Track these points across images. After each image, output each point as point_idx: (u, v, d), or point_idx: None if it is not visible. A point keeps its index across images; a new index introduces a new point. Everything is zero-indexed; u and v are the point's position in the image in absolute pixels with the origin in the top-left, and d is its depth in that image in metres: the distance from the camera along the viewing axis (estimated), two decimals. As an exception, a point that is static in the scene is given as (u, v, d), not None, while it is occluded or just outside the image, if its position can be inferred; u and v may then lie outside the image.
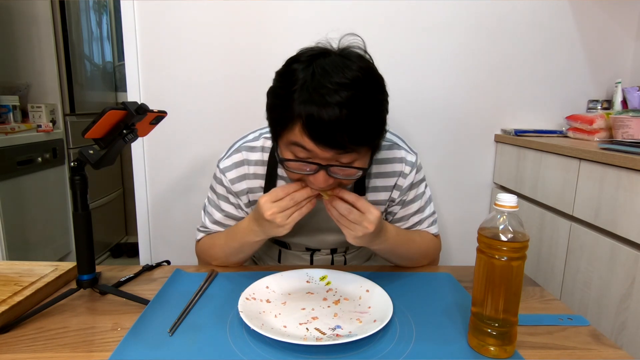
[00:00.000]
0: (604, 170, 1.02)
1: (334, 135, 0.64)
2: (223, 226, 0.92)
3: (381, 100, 0.70)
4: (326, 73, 0.65)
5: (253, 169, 0.88)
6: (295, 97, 0.66)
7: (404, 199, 0.91)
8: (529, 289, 0.78)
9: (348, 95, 0.64)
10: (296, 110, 0.65)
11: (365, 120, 0.66)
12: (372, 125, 0.68)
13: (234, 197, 0.89)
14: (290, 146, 0.70)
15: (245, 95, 1.39)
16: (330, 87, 0.64)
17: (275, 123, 0.72)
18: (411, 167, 0.89)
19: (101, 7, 2.70)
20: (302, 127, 0.65)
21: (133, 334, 0.61)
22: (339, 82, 0.64)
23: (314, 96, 0.64)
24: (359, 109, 0.65)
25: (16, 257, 1.87)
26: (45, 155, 2.10)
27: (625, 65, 1.47)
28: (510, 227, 0.54)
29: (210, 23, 1.35)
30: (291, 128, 0.68)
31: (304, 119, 0.65)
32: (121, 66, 2.86)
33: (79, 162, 0.68)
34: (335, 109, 0.63)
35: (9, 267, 0.81)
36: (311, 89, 0.65)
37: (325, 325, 0.63)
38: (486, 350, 0.57)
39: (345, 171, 0.70)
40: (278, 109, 0.70)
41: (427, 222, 0.94)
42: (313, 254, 0.99)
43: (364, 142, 0.69)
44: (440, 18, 1.39)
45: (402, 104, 1.43)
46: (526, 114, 1.48)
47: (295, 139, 0.67)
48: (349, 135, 0.65)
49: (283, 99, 0.68)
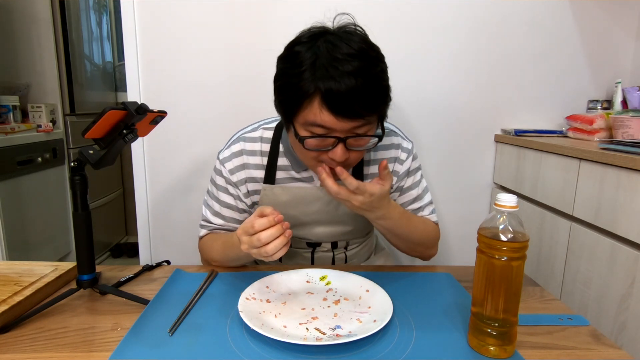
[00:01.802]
0: (604, 170, 1.02)
1: (353, 105, 0.68)
2: (223, 218, 0.93)
3: (384, 68, 0.74)
4: (334, 47, 0.68)
5: (252, 159, 0.89)
6: (307, 76, 0.68)
7: (402, 185, 0.93)
8: (529, 289, 0.78)
9: (359, 65, 0.67)
10: (312, 87, 0.68)
11: (376, 87, 0.70)
12: (382, 92, 0.72)
13: (233, 188, 0.90)
14: (307, 126, 0.72)
15: (246, 95, 1.39)
16: (341, 59, 0.67)
17: (288, 105, 0.73)
18: (407, 154, 0.92)
19: (101, 7, 2.70)
20: (321, 101, 0.68)
21: (133, 334, 0.61)
22: (348, 53, 0.68)
23: (329, 70, 0.67)
24: (370, 76, 0.69)
25: (16, 257, 1.87)
26: (45, 155, 2.11)
27: (625, 65, 1.47)
28: (510, 227, 0.54)
29: (210, 23, 1.35)
30: (308, 106, 0.70)
31: (323, 93, 0.67)
32: (121, 66, 2.86)
33: (79, 162, 0.68)
34: (351, 79, 0.66)
35: (9, 267, 0.81)
36: (325, 64, 0.67)
37: (325, 325, 0.63)
38: (486, 350, 0.57)
39: (360, 141, 0.74)
40: (290, 90, 0.71)
41: (427, 210, 0.95)
42: (314, 251, 0.99)
43: (377, 109, 0.72)
44: (440, 18, 1.39)
45: (402, 104, 1.43)
46: (526, 114, 1.48)
47: (314, 117, 0.70)
48: (364, 103, 0.68)
49: (294, 79, 0.70)
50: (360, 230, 0.98)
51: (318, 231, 0.94)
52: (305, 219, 0.91)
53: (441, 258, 1.57)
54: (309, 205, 0.89)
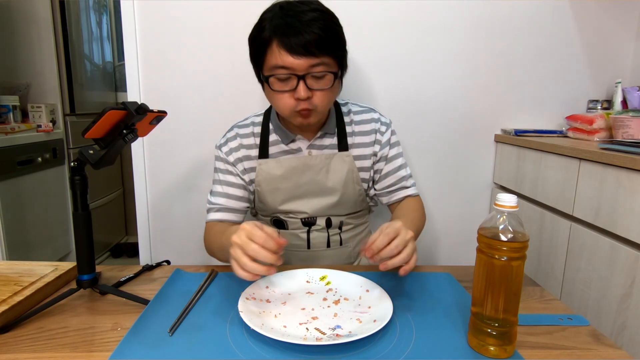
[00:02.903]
0: (604, 170, 1.02)
1: (304, 42, 0.80)
2: (227, 196, 1.00)
3: (336, 20, 0.87)
4: (292, 4, 0.83)
5: (246, 140, 1.00)
6: (266, 27, 0.83)
7: (386, 154, 1.03)
8: (529, 289, 0.78)
9: (314, 13, 0.81)
10: (270, 32, 0.82)
11: (330, 30, 0.83)
12: (333, 34, 0.84)
13: (232, 167, 1.00)
14: (272, 71, 0.84)
15: (245, 95, 1.39)
16: (297, 9, 0.82)
17: (256, 58, 0.88)
18: (386, 127, 1.04)
19: (101, 7, 2.70)
20: (278, 44, 0.81)
21: (133, 334, 0.61)
22: (304, 3, 0.83)
23: (284, 18, 0.81)
24: (324, 21, 0.82)
25: (16, 257, 1.87)
26: (45, 155, 2.11)
27: (625, 65, 1.47)
28: (510, 227, 0.54)
29: (210, 23, 1.35)
30: (269, 52, 0.83)
31: (278, 34, 0.81)
32: (121, 66, 2.86)
33: (79, 162, 0.68)
34: (302, 20, 0.80)
35: (9, 267, 0.81)
36: (280, 15, 0.82)
37: (325, 325, 0.63)
38: (486, 350, 0.57)
39: (320, 82, 0.85)
40: (254, 43, 0.87)
41: (410, 181, 1.05)
42: (310, 232, 1.03)
43: (329, 49, 0.83)
44: (440, 19, 1.39)
45: (402, 104, 1.43)
46: (526, 114, 1.48)
47: (274, 60, 0.83)
48: (316, 41, 0.80)
49: (258, 33, 0.86)
50: (349, 203, 1.03)
51: (312, 203, 1.01)
52: (298, 191, 1.00)
53: (441, 258, 1.57)
54: (301, 176, 0.98)
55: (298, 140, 0.99)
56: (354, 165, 1.01)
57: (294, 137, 0.99)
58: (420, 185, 1.47)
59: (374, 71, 1.41)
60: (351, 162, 1.00)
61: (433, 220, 1.53)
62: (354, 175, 1.01)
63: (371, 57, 1.39)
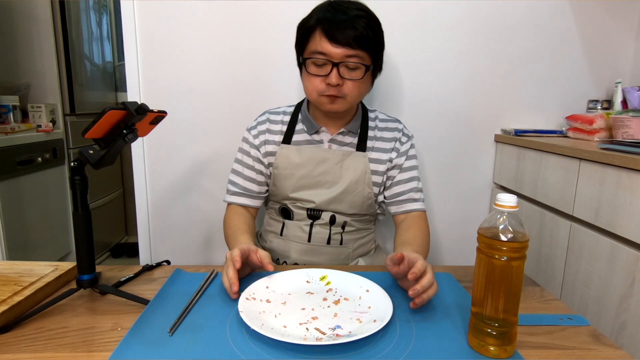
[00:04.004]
0: (604, 170, 1.02)
1: (344, 32, 0.88)
2: (244, 177, 1.08)
3: (378, 21, 0.95)
4: (341, 2, 0.93)
5: (274, 126, 1.08)
6: (312, 16, 0.93)
7: (401, 163, 1.07)
8: (529, 289, 0.79)
9: (358, 11, 0.90)
10: (314, 20, 0.92)
11: (370, 29, 0.90)
12: (374, 34, 0.92)
13: (255, 150, 1.07)
14: (310, 54, 0.93)
15: (246, 95, 1.39)
16: (344, 6, 0.91)
17: (300, 44, 0.97)
18: (407, 139, 1.09)
19: (101, 7, 2.70)
20: (321, 32, 0.90)
21: (133, 334, 0.61)
22: (352, 3, 0.93)
23: (331, 12, 0.91)
24: (366, 19, 0.90)
25: (16, 257, 1.87)
26: (45, 155, 2.10)
27: (625, 65, 1.47)
28: (510, 227, 0.54)
29: (210, 23, 1.35)
30: (312, 39, 0.92)
31: (323, 24, 0.90)
32: (121, 66, 2.86)
33: (79, 162, 0.68)
34: (346, 13, 0.89)
35: (9, 267, 0.81)
36: (329, 8, 0.92)
37: (325, 325, 0.63)
38: (486, 350, 0.57)
39: (352, 73, 0.92)
40: (302, 28, 0.96)
41: (419, 194, 1.08)
42: (312, 226, 1.05)
43: (366, 44, 0.90)
44: (440, 19, 1.38)
45: (402, 104, 1.43)
46: (526, 114, 1.48)
47: (315, 45, 0.91)
48: (355, 34, 0.88)
49: (305, 21, 0.95)
50: (356, 203, 1.04)
51: (321, 194, 1.04)
52: (311, 180, 1.04)
53: (441, 258, 1.57)
54: (316, 167, 1.04)
55: (322, 132, 1.05)
56: (368, 167, 1.03)
57: (318, 129, 1.05)
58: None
59: (374, 71, 1.41)
60: (366, 163, 1.03)
61: (433, 220, 1.53)
62: (366, 177, 1.03)
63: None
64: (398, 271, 0.73)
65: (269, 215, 1.15)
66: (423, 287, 0.65)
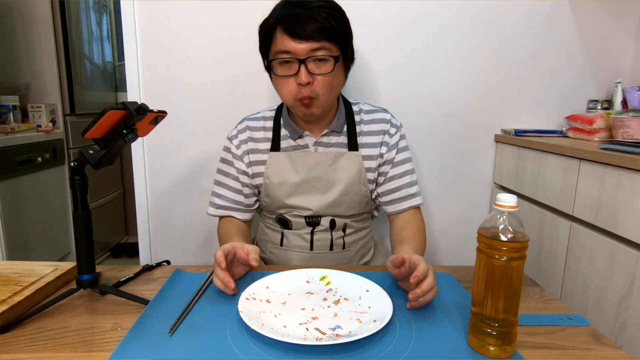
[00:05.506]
0: (604, 170, 1.02)
1: (305, 26, 0.83)
2: (226, 187, 1.04)
3: (343, 14, 0.90)
4: None
5: (256, 133, 1.03)
6: (271, 15, 0.89)
7: (392, 158, 1.02)
8: (529, 289, 0.78)
9: (318, 3, 0.85)
10: (275, 20, 0.87)
11: (332, 18, 0.85)
12: (338, 23, 0.87)
13: (238, 161, 1.03)
14: (274, 55, 0.89)
15: (245, 94, 1.39)
16: (303, 0, 0.86)
17: (263, 46, 0.93)
18: (396, 129, 1.03)
19: (101, 7, 2.70)
20: (281, 30, 0.86)
21: (133, 334, 0.61)
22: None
23: (289, 8, 0.86)
24: (327, 9, 0.85)
25: (16, 257, 1.87)
26: (45, 155, 2.11)
27: (625, 65, 1.47)
28: (510, 227, 0.54)
29: (210, 23, 1.35)
30: (273, 39, 0.88)
31: (282, 21, 0.85)
32: (121, 66, 2.86)
33: (79, 162, 0.68)
34: (304, 6, 0.84)
35: (9, 267, 0.81)
36: (287, 5, 0.87)
37: (325, 325, 0.63)
38: (486, 350, 0.57)
39: (321, 67, 0.87)
40: (262, 30, 0.92)
41: (415, 188, 1.04)
42: (313, 233, 1.03)
43: (331, 36, 0.86)
44: (440, 19, 1.38)
45: (402, 104, 1.43)
46: (526, 114, 1.48)
47: (277, 45, 0.87)
48: (318, 27, 0.84)
49: (266, 21, 0.91)
50: (354, 203, 1.02)
51: (317, 200, 1.01)
52: (305, 186, 1.00)
53: (441, 258, 1.57)
54: (309, 171, 1.00)
55: (305, 137, 1.01)
56: (362, 165, 1.00)
57: (301, 133, 1.01)
58: (420, 185, 1.47)
59: (373, 71, 1.41)
60: (360, 162, 1.00)
61: (433, 220, 1.53)
62: (361, 176, 1.00)
63: (371, 57, 1.39)
64: (399, 273, 0.73)
65: (264, 224, 1.12)
66: (423, 291, 0.65)
